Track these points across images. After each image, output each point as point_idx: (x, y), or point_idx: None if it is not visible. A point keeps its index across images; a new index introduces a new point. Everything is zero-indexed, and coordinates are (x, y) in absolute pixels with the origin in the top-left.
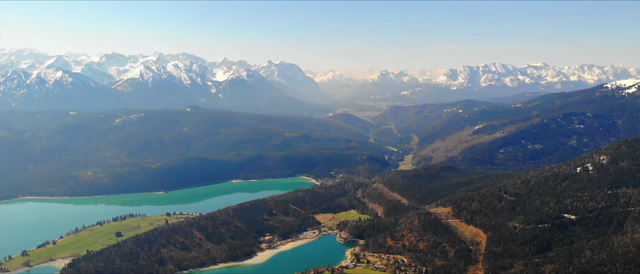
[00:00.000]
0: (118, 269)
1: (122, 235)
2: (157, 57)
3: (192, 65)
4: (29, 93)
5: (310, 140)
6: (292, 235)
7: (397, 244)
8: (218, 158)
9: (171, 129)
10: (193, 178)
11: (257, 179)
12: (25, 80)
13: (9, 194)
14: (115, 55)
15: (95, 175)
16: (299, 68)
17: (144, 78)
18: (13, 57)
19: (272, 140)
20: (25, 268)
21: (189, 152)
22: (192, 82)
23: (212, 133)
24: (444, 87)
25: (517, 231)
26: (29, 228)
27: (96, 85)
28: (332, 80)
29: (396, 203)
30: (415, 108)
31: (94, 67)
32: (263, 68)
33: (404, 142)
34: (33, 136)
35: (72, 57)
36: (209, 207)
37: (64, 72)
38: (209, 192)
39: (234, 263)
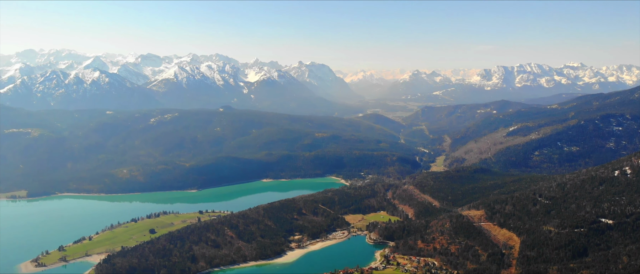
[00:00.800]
0: (151, 266)
1: (155, 232)
2: (191, 58)
3: (225, 66)
4: (67, 92)
5: (339, 140)
6: (322, 235)
7: (428, 247)
8: (249, 158)
9: (204, 129)
10: (225, 176)
11: (287, 179)
12: (63, 80)
13: (47, 191)
14: (151, 56)
15: (130, 173)
16: (329, 68)
17: (178, 78)
18: (52, 57)
19: (302, 140)
20: (61, 263)
21: (221, 151)
22: (225, 82)
23: (244, 133)
24: (477, 87)
25: (552, 235)
26: (66, 224)
27: (132, 85)
28: (363, 80)
29: (427, 205)
30: (447, 109)
31: (129, 68)
32: (294, 69)
33: (436, 143)
34: (71, 135)
35: (109, 57)
36: (240, 205)
37: (101, 73)
38: (240, 191)
39: (264, 261)
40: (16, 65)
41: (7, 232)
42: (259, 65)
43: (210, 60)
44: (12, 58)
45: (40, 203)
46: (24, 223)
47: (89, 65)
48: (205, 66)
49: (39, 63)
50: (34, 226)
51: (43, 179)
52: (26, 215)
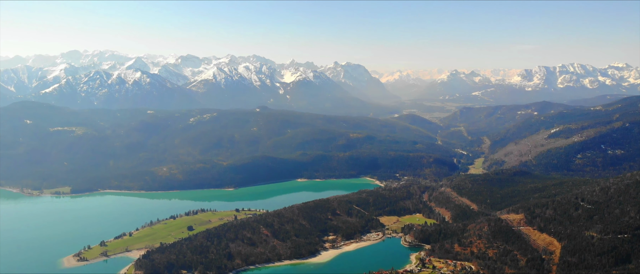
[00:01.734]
0: (188, 262)
1: (193, 229)
2: (229, 59)
3: (262, 67)
4: (110, 92)
5: (375, 141)
6: (356, 236)
7: (464, 251)
8: (284, 157)
9: (241, 128)
10: (261, 176)
11: (321, 179)
12: (106, 80)
13: (90, 187)
14: (190, 57)
15: (170, 171)
16: (365, 68)
17: (216, 79)
18: (95, 58)
19: (336, 140)
20: (102, 258)
21: (257, 151)
22: (262, 83)
23: (280, 133)
24: (518, 87)
25: (595, 241)
26: (108, 220)
27: (172, 86)
28: (399, 80)
29: (465, 208)
30: (487, 110)
31: (170, 68)
32: (329, 70)
33: (475, 145)
34: (113, 133)
35: (150, 58)
36: (275, 204)
37: (142, 73)
38: (275, 190)
39: (298, 260)
40: (61, 65)
41: (51, 227)
42: (295, 65)
43: (247, 61)
44: (57, 58)
45: (83, 199)
46: (67, 219)
47: (131, 65)
48: (243, 67)
49: (83, 64)
50: (77, 221)
51: (86, 176)
52: (69, 211)
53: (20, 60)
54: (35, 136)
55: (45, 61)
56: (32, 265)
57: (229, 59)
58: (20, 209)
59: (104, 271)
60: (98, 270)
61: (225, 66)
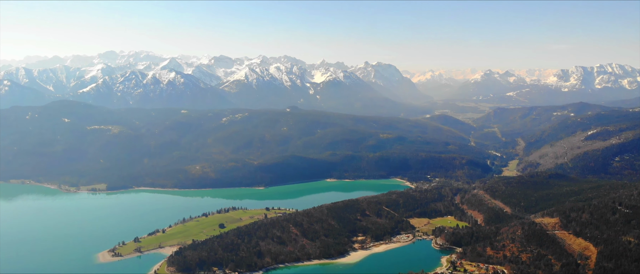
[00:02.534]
0: (220, 259)
1: (224, 227)
2: (260, 59)
3: (293, 68)
4: (145, 92)
5: (405, 141)
6: (385, 237)
7: (497, 255)
8: (314, 157)
9: (272, 128)
10: (290, 175)
11: (350, 179)
12: (141, 80)
13: (125, 184)
14: (223, 58)
15: (202, 169)
16: (396, 68)
17: (248, 80)
18: (131, 58)
19: (366, 140)
20: (136, 254)
21: (287, 151)
22: (292, 83)
23: (309, 133)
24: (554, 88)
25: (632, 246)
26: (142, 217)
27: (205, 86)
28: (431, 80)
29: (498, 211)
30: (521, 111)
31: (203, 69)
32: (359, 70)
33: (509, 147)
34: (148, 132)
35: (184, 59)
36: (305, 204)
37: (176, 73)
38: (304, 189)
39: (327, 260)
40: (98, 65)
41: (87, 223)
42: (325, 66)
43: (278, 61)
44: (94, 59)
45: (118, 196)
46: (103, 215)
47: (165, 66)
48: (274, 67)
49: (119, 64)
50: (112, 218)
51: (121, 173)
52: (105, 207)
53: (58, 60)
54: (73, 134)
55: (83, 61)
56: (69, 259)
57: (261, 60)
58: (58, 205)
59: (137, 266)
60: (132, 266)
61: (256, 66)
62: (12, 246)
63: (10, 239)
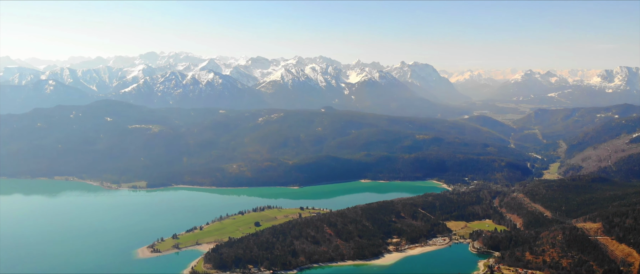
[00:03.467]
0: (255, 257)
1: (260, 225)
2: (296, 60)
3: (328, 68)
4: (185, 92)
5: (442, 143)
6: (421, 240)
7: (536, 260)
8: (348, 158)
9: (307, 128)
10: (325, 175)
11: (385, 180)
12: (181, 81)
13: (164, 182)
14: (260, 59)
15: (239, 168)
16: (433, 68)
17: (284, 80)
18: (171, 59)
19: (402, 141)
20: (174, 250)
21: (322, 151)
22: (327, 83)
23: (344, 133)
24: (597, 89)
25: None
26: (180, 214)
27: (242, 86)
28: (469, 80)
29: (538, 215)
30: (563, 112)
31: (240, 70)
32: (396, 70)
33: (550, 149)
34: (187, 131)
35: (222, 60)
36: (339, 204)
37: (215, 74)
38: (338, 190)
39: (361, 261)
40: (139, 66)
41: (128, 219)
42: (361, 66)
43: (314, 62)
44: (136, 60)
45: (157, 193)
46: (142, 212)
47: (204, 67)
48: (309, 68)
49: (160, 65)
50: (152, 214)
51: (161, 171)
52: (145, 204)
53: (101, 60)
54: (115, 133)
55: (125, 62)
56: (110, 254)
57: (296, 60)
58: (99, 201)
59: (175, 263)
60: (170, 262)
61: (292, 67)
62: (56, 241)
63: (54, 234)
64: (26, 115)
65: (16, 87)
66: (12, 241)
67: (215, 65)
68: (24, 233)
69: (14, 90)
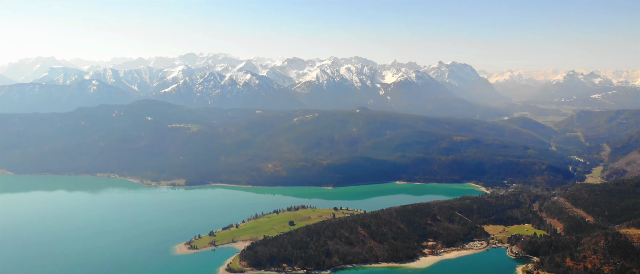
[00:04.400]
0: (289, 256)
1: (294, 224)
2: (331, 61)
3: (363, 68)
4: (223, 93)
5: (481, 144)
6: (457, 244)
7: (577, 266)
8: (383, 159)
9: (341, 129)
10: (359, 176)
11: (420, 182)
12: (219, 81)
13: (202, 180)
14: (296, 60)
15: (274, 167)
16: (472, 68)
17: (319, 81)
18: (210, 60)
19: (438, 143)
20: (211, 247)
21: (356, 151)
22: (362, 84)
23: (379, 134)
24: None
25: None
26: (217, 212)
27: (278, 87)
28: (509, 81)
29: (579, 221)
30: (607, 114)
31: (277, 71)
32: (433, 70)
33: (593, 152)
34: (224, 131)
35: (259, 61)
36: (373, 206)
37: (252, 75)
38: (373, 191)
39: (395, 263)
40: (179, 67)
41: (167, 216)
42: (397, 66)
43: (349, 62)
44: (175, 61)
45: (195, 191)
46: (181, 209)
47: (242, 68)
48: (345, 68)
49: (199, 66)
50: (190, 212)
51: (199, 170)
52: (183, 202)
53: (142, 61)
54: (155, 132)
55: (165, 63)
56: (148, 250)
57: (332, 61)
58: (139, 198)
59: (211, 259)
60: (206, 258)
61: (327, 68)
62: (97, 236)
63: (95, 229)
64: (70, 114)
65: (61, 87)
66: (54, 236)
67: (252, 66)
68: (67, 228)
69: (59, 90)
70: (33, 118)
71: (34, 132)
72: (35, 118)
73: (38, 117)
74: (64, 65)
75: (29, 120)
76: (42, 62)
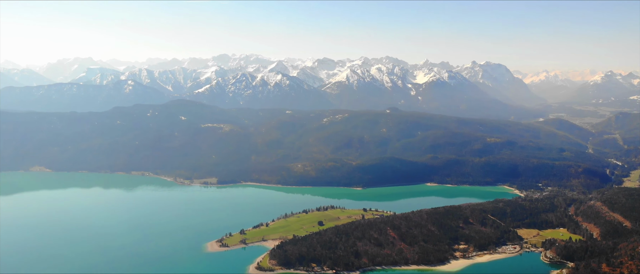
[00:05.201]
0: (318, 256)
1: (323, 224)
2: (362, 61)
3: (394, 68)
4: (254, 93)
5: (515, 146)
6: (490, 247)
7: (613, 272)
8: (414, 160)
9: (371, 129)
10: (389, 177)
11: (452, 184)
12: (251, 82)
13: (233, 179)
14: (326, 60)
15: (304, 167)
16: (506, 68)
17: (349, 81)
18: (242, 61)
19: (471, 144)
20: (241, 245)
21: (386, 152)
22: (393, 84)
23: (409, 135)
24: None
25: None
26: (248, 210)
27: (309, 88)
28: (545, 81)
29: (616, 225)
30: None
31: (307, 71)
32: (466, 70)
33: (631, 155)
34: (255, 131)
35: (290, 61)
36: (403, 207)
37: (282, 76)
38: (403, 192)
39: (426, 266)
40: (212, 68)
41: (199, 214)
42: (429, 66)
43: (380, 62)
44: (209, 61)
45: (227, 189)
46: (213, 207)
47: (273, 68)
48: (375, 69)
49: (231, 67)
50: (221, 210)
51: (230, 169)
52: (215, 200)
53: (177, 62)
54: (188, 131)
55: (198, 63)
56: (181, 247)
57: (362, 61)
58: (173, 196)
59: (242, 257)
60: (237, 256)
61: (358, 68)
62: (133, 231)
63: (130, 225)
64: (106, 113)
65: (98, 87)
66: (90, 231)
67: (283, 67)
68: (102, 224)
69: (95, 90)
70: (71, 117)
71: (72, 130)
72: (73, 117)
73: (76, 116)
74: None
75: (67, 118)
76: (80, 62)
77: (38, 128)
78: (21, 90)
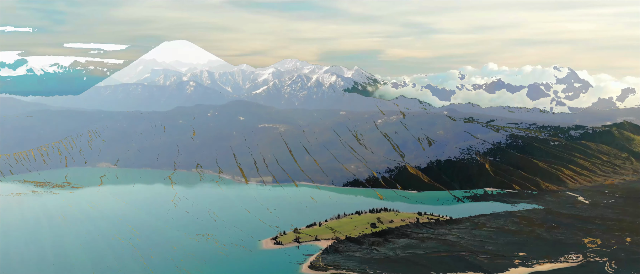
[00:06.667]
0: None
1: (376, 226)
2: None
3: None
4: (309, 94)
5: None
6: (551, 256)
7: None
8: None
9: (428, 131)
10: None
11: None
12: (306, 83)
13: (287, 179)
14: None
15: (357, 168)
16: None
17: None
18: (298, 63)
19: None
20: (295, 244)
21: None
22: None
23: (467, 137)
24: None
25: None
26: (301, 209)
27: (363, 88)
28: None
29: None
30: None
31: (361, 72)
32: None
33: None
34: (309, 131)
35: None
36: (460, 212)
37: (337, 77)
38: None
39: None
40: (269, 69)
41: (255, 212)
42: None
43: None
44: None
45: (282, 188)
46: (268, 205)
47: (328, 70)
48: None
49: (287, 68)
50: (276, 208)
51: (285, 168)
52: (270, 198)
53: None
54: (246, 131)
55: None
56: (238, 243)
57: None
58: (231, 193)
59: (295, 255)
60: (291, 254)
61: None
62: (192, 226)
63: (190, 220)
64: (169, 113)
65: (161, 87)
66: (150, 227)
67: (338, 68)
68: (163, 219)
69: (159, 90)
70: (135, 116)
71: (136, 128)
72: (137, 116)
73: (140, 115)
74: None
75: (132, 117)
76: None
77: (105, 126)
78: (90, 90)
